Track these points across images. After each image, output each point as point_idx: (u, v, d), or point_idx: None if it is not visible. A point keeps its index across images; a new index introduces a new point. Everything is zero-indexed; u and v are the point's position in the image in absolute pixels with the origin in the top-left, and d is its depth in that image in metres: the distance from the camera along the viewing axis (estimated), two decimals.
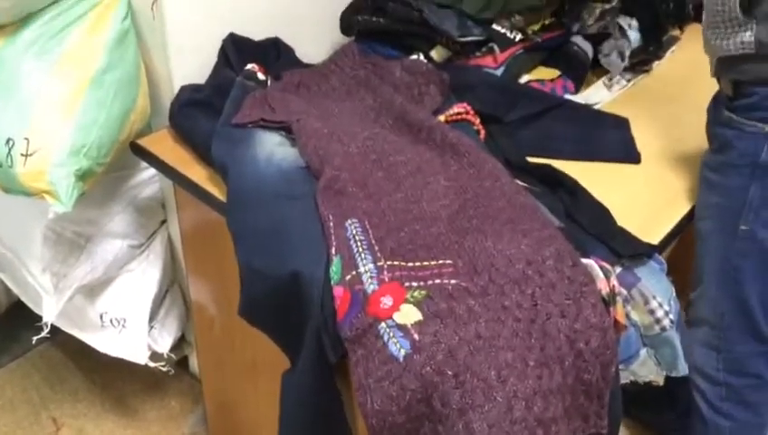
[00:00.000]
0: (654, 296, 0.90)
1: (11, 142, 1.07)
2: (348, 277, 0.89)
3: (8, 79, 1.08)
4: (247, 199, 1.02)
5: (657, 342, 0.92)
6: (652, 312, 0.90)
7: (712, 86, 1.10)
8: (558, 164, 1.13)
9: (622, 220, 1.03)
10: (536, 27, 1.40)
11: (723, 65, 1.03)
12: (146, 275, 1.43)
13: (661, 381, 1.58)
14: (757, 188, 1.00)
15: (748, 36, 0.96)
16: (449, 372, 0.81)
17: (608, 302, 0.88)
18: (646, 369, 0.94)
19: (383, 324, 0.84)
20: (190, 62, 1.24)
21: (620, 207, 1.05)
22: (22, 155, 1.07)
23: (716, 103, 1.08)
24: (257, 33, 1.31)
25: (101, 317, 1.41)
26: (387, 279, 0.88)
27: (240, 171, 1.05)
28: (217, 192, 1.09)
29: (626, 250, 0.94)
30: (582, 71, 1.41)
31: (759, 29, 0.95)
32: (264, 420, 1.34)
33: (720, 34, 1.00)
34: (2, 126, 1.08)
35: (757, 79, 0.98)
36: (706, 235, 1.09)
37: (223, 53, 1.27)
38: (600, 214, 1.03)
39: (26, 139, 1.07)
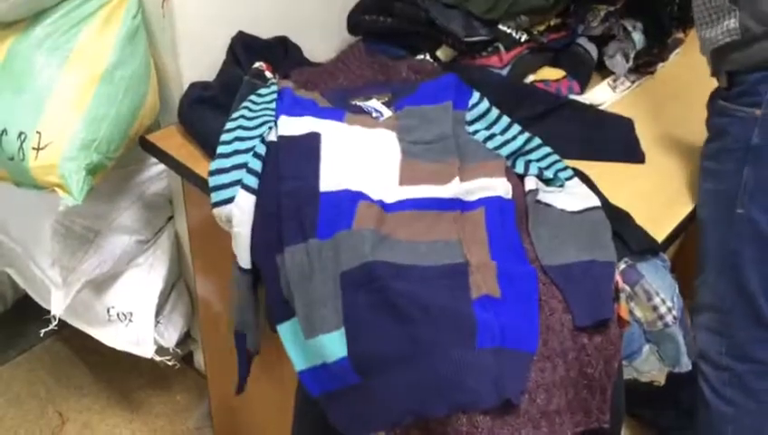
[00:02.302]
0: (657, 293, 0.91)
1: (23, 136, 1.08)
2: None
3: (21, 74, 1.09)
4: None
5: (660, 338, 0.93)
6: (655, 308, 0.91)
7: (714, 87, 1.11)
8: (566, 163, 1.14)
9: None
10: (541, 28, 1.41)
11: (716, 59, 1.06)
12: (153, 270, 1.44)
13: (662, 380, 1.60)
14: (750, 171, 1.03)
15: (733, 23, 1.00)
16: None
17: (611, 298, 0.89)
18: (648, 365, 0.95)
19: None
20: (199, 60, 1.25)
21: (625, 205, 1.06)
22: (33, 149, 1.08)
23: (713, 97, 1.12)
24: (265, 32, 1.32)
25: (108, 311, 1.42)
26: None
27: None
28: None
29: (638, 245, 0.96)
30: (587, 71, 1.42)
31: (742, 15, 0.99)
32: (269, 415, 1.35)
33: (708, 26, 1.04)
34: (14, 120, 1.09)
35: (746, 66, 1.02)
36: (706, 222, 1.11)
37: (231, 51, 1.28)
38: (611, 210, 1.04)
39: (38, 132, 1.08)
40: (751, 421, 1.16)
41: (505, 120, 1.16)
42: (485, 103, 1.18)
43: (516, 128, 1.15)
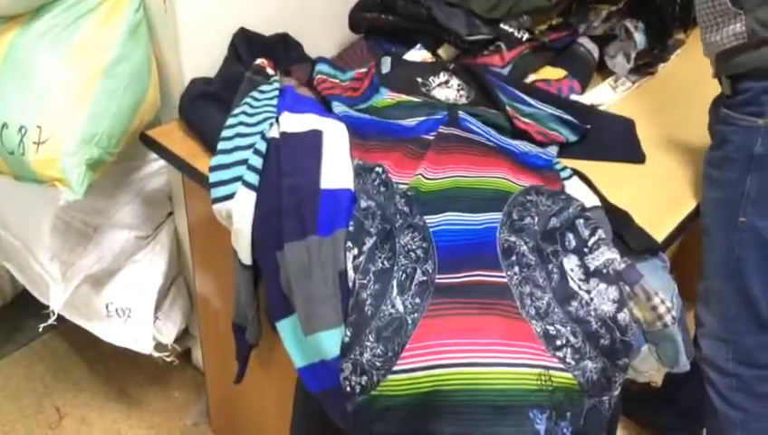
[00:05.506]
0: (656, 293, 0.90)
1: (23, 130, 1.08)
2: None
3: (22, 68, 1.09)
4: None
5: (659, 338, 0.92)
6: (654, 308, 0.91)
7: (715, 88, 1.11)
8: (563, 163, 1.14)
9: None
10: (543, 27, 1.41)
11: (720, 62, 1.06)
12: (152, 266, 1.44)
13: (660, 381, 1.60)
14: (753, 180, 1.03)
15: (739, 27, 1.00)
16: None
17: None
18: (647, 365, 0.95)
19: None
20: (200, 56, 1.25)
21: (625, 205, 1.06)
22: (34, 143, 1.08)
23: (716, 103, 1.13)
24: (267, 29, 1.32)
25: (107, 307, 1.42)
26: None
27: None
28: None
29: (638, 245, 0.96)
30: (588, 71, 1.42)
31: (748, 18, 0.99)
32: (266, 412, 1.35)
33: (713, 30, 1.04)
34: (15, 114, 1.09)
35: (752, 70, 1.02)
36: (709, 229, 1.11)
37: (233, 47, 1.28)
38: (611, 210, 1.04)
39: (39, 127, 1.08)
40: (759, 426, 1.16)
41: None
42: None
43: None
